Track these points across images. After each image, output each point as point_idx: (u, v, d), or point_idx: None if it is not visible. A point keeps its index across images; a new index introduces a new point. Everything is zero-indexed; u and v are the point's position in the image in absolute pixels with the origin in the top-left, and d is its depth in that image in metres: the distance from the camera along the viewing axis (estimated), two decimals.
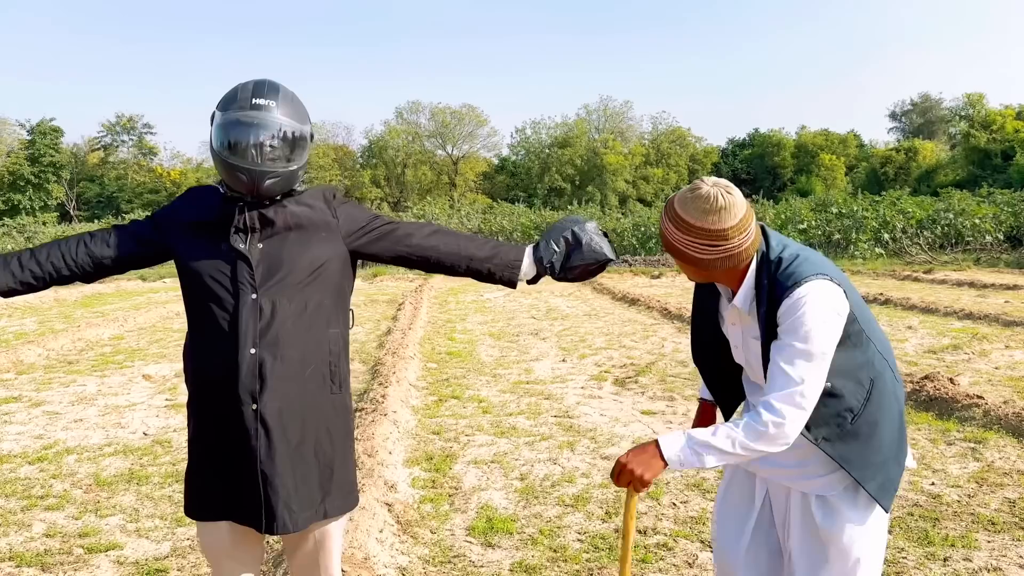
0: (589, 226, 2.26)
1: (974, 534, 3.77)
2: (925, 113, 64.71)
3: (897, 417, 2.07)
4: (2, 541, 3.88)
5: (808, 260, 1.99)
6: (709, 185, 1.95)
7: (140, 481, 4.74)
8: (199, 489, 2.18)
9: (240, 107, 2.06)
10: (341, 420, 2.23)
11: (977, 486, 4.43)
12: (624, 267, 25.16)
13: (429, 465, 4.99)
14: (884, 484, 2.02)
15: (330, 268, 2.18)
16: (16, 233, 30.81)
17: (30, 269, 2.16)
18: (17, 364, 8.85)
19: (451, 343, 10.17)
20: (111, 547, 3.79)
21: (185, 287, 2.17)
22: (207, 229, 2.15)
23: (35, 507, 4.35)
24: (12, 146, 54.51)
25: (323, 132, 62.41)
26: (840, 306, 1.95)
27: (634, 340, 10.15)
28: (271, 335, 2.07)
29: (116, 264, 2.23)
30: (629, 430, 5.75)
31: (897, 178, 50.48)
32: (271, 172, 2.07)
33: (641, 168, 57.54)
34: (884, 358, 2.08)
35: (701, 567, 3.49)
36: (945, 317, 11.55)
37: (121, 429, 6.01)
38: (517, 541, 3.80)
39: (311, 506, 2.14)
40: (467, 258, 2.25)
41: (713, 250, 1.94)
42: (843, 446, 1.99)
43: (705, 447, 1.88)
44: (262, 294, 2.09)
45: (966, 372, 7.56)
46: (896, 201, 30.23)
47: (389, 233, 2.26)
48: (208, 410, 2.14)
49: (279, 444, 2.08)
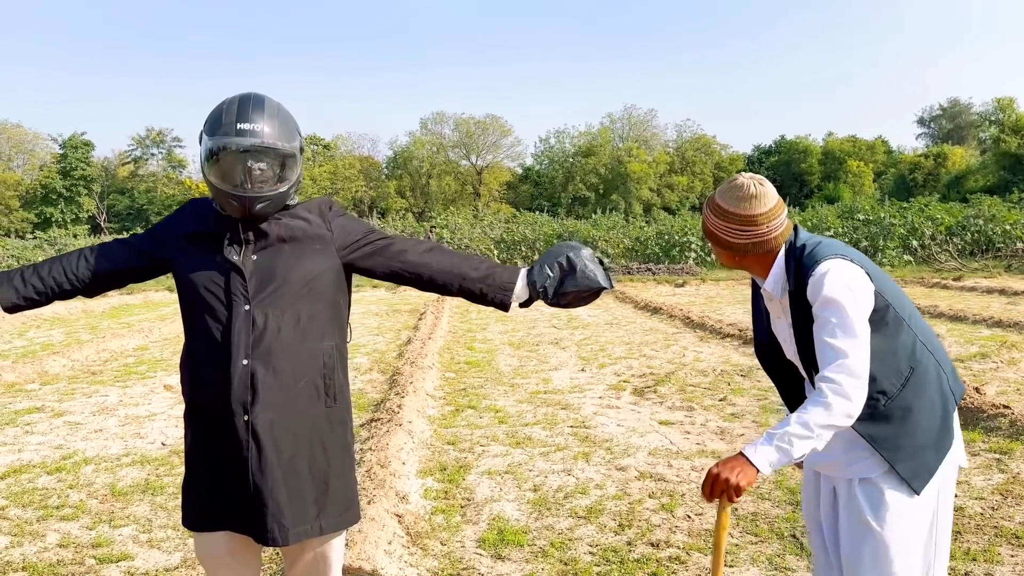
0: (585, 252, 2.24)
1: (997, 548, 3.67)
2: (954, 118, 63.83)
3: (940, 409, 2.13)
4: (17, 551, 3.90)
5: (830, 245, 2.15)
6: (745, 177, 2.17)
7: (155, 491, 4.76)
8: (195, 500, 2.18)
9: (225, 132, 2.05)
10: (337, 434, 2.21)
11: (1002, 498, 4.32)
12: (648, 275, 25.02)
13: (442, 476, 4.96)
14: (916, 468, 2.09)
15: (324, 280, 2.17)
16: (47, 246, 31.28)
17: (32, 284, 2.18)
18: (42, 375, 8.97)
19: (470, 352, 10.15)
20: (123, 558, 3.80)
21: (181, 298, 2.17)
22: (203, 240, 2.15)
23: (51, 517, 4.38)
24: (45, 160, 55.61)
25: (349, 143, 63.04)
26: (859, 284, 2.06)
27: (655, 349, 10.07)
28: (263, 347, 2.06)
29: (116, 277, 2.24)
30: (646, 440, 5.69)
31: (926, 184, 49.83)
32: (261, 196, 2.06)
33: (666, 176, 57.32)
34: (929, 351, 2.16)
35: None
36: (974, 325, 11.35)
37: (140, 439, 6.06)
38: (527, 553, 3.76)
39: (304, 521, 2.12)
40: (460, 277, 2.22)
41: (744, 234, 2.13)
42: (873, 426, 2.09)
43: (786, 439, 1.94)
44: (255, 306, 2.08)
45: (993, 381, 7.40)
46: (924, 207, 29.84)
47: (384, 248, 2.24)
48: (202, 421, 2.14)
49: (270, 456, 2.07)
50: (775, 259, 2.19)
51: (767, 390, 7.19)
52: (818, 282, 2.05)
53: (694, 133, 61.35)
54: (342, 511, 2.22)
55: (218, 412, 2.08)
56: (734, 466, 1.94)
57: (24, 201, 52.94)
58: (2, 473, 5.19)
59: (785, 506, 4.28)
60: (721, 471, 1.95)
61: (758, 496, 4.44)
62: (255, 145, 2.05)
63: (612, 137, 59.84)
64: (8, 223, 49.48)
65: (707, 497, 1.98)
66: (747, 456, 1.95)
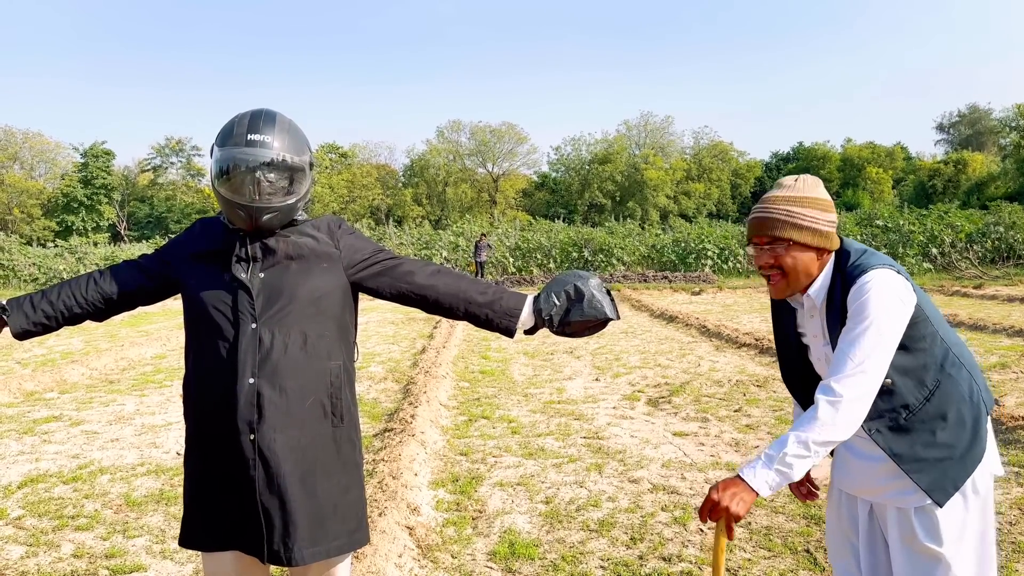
0: (592, 282, 2.22)
1: (1014, 564, 3.62)
2: (974, 124, 63.29)
3: (970, 421, 2.07)
4: (32, 561, 3.94)
5: (876, 255, 2.11)
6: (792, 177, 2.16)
7: (169, 502, 4.79)
8: (202, 520, 2.17)
9: (235, 143, 2.06)
10: (344, 453, 2.20)
11: (1020, 513, 4.26)
12: (664, 283, 24.94)
13: (454, 487, 4.96)
14: (938, 480, 2.03)
15: (331, 299, 2.16)
16: (68, 254, 31.61)
17: (42, 310, 2.19)
18: (60, 383, 9.05)
19: (485, 361, 10.15)
20: (136, 568, 3.82)
21: (188, 316, 2.18)
22: (211, 259, 2.16)
23: (66, 527, 4.41)
24: (66, 169, 56.28)
25: (366, 152, 63.38)
26: (905, 295, 2.02)
27: (670, 359, 10.02)
28: (270, 365, 2.06)
29: (126, 299, 2.25)
30: (659, 452, 5.66)
31: (946, 191, 49.42)
32: (269, 208, 2.07)
33: (683, 183, 57.18)
34: (961, 362, 2.11)
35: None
36: (994, 335, 11.22)
37: (155, 448, 6.10)
38: (539, 567, 3.74)
39: (311, 543, 2.10)
40: (466, 301, 2.21)
41: (828, 221, 2.09)
42: (894, 438, 2.05)
43: (784, 462, 1.89)
44: (262, 324, 2.08)
45: (1014, 391, 7.31)
46: (944, 215, 29.58)
47: (391, 268, 2.23)
48: (207, 440, 2.14)
49: (277, 476, 2.06)
50: (823, 268, 2.12)
51: (783, 400, 7.14)
52: (860, 290, 2.00)
53: (711, 140, 61.25)
54: (351, 532, 2.20)
55: (224, 431, 2.07)
56: (734, 492, 1.89)
57: (46, 209, 53.62)
58: (20, 482, 5.24)
59: (799, 520, 4.24)
60: (721, 498, 1.89)
61: (772, 510, 4.41)
62: (264, 157, 2.06)
63: (628, 144, 59.82)
64: (30, 231, 50.12)
65: (703, 519, 1.93)
66: (745, 480, 1.89)
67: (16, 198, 52.32)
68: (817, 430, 1.89)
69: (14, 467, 5.62)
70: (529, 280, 26.57)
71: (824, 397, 1.92)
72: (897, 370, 2.03)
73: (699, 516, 1.97)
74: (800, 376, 2.31)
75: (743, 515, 1.89)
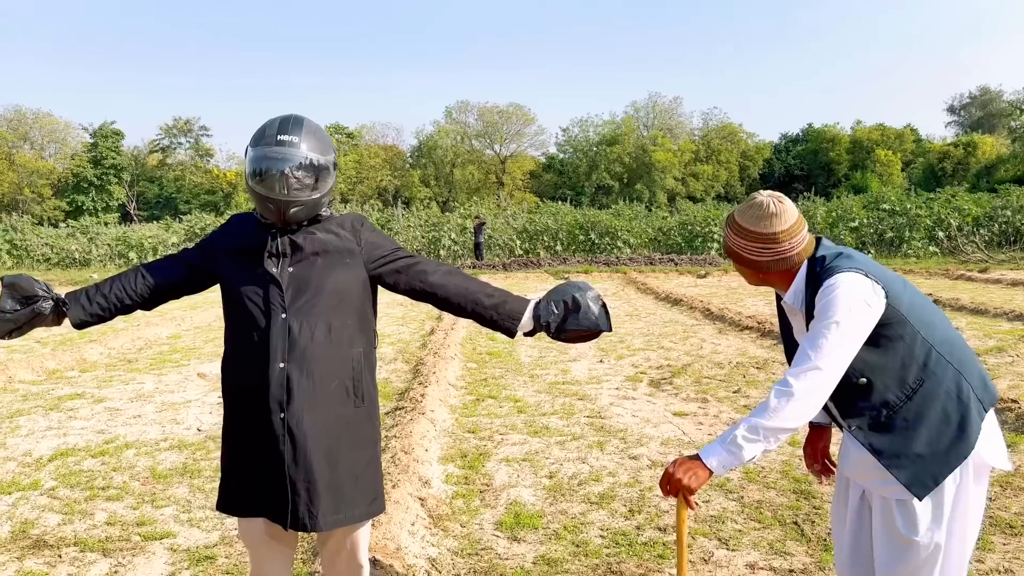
0: (590, 294, 2.42)
1: (990, 537, 3.84)
2: (985, 106, 62.91)
3: (955, 418, 2.15)
4: (68, 528, 4.21)
5: (849, 258, 2.21)
6: (765, 196, 2.24)
7: (193, 475, 5.06)
8: (236, 488, 2.41)
9: (267, 143, 2.29)
10: (364, 431, 2.44)
11: (1000, 490, 4.48)
12: (670, 266, 25.09)
13: (463, 462, 5.21)
14: (918, 475, 2.13)
15: (353, 292, 2.39)
16: (80, 234, 31.88)
17: (97, 302, 2.44)
18: (81, 362, 9.34)
19: (492, 343, 10.39)
20: (165, 535, 4.09)
21: (226, 306, 2.41)
22: (245, 254, 2.39)
23: (97, 497, 4.68)
24: (76, 149, 56.52)
25: (373, 133, 63.39)
26: (871, 298, 2.11)
27: (673, 341, 10.24)
28: (298, 352, 2.30)
29: (170, 290, 2.50)
30: (659, 431, 5.90)
31: (955, 174, 49.24)
32: (296, 201, 2.29)
33: (691, 165, 57.08)
34: (948, 361, 2.19)
35: (716, 563, 3.64)
36: (994, 319, 11.38)
37: (176, 425, 6.37)
38: (542, 536, 3.99)
39: (334, 511, 2.34)
40: (473, 302, 2.43)
41: (767, 252, 2.22)
42: (874, 436, 2.18)
43: (735, 443, 2.06)
44: (291, 315, 2.31)
45: (1007, 375, 7.50)
46: (951, 198, 29.56)
47: (408, 267, 2.46)
48: (242, 418, 2.38)
49: (303, 451, 2.30)
50: (797, 274, 2.26)
51: None
52: (825, 291, 2.12)
53: (720, 121, 61.01)
54: (369, 502, 2.45)
55: (257, 410, 2.32)
56: (688, 468, 2.08)
57: (56, 189, 53.95)
58: (50, 456, 5.52)
59: (789, 495, 4.47)
60: (676, 471, 2.09)
61: (764, 485, 4.64)
62: (292, 156, 2.28)
63: (636, 126, 59.68)
64: (41, 211, 50.47)
65: (664, 493, 2.12)
66: (701, 457, 2.08)
67: (27, 178, 52.65)
68: (767, 418, 2.05)
69: (43, 441, 5.90)
70: (535, 263, 26.73)
71: (779, 388, 2.08)
72: (872, 369, 2.15)
73: (660, 488, 2.16)
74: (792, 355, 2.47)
75: (696, 489, 2.08)
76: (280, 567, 2.52)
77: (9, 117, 55.18)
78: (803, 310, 2.25)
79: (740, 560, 3.68)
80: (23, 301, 2.39)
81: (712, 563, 3.65)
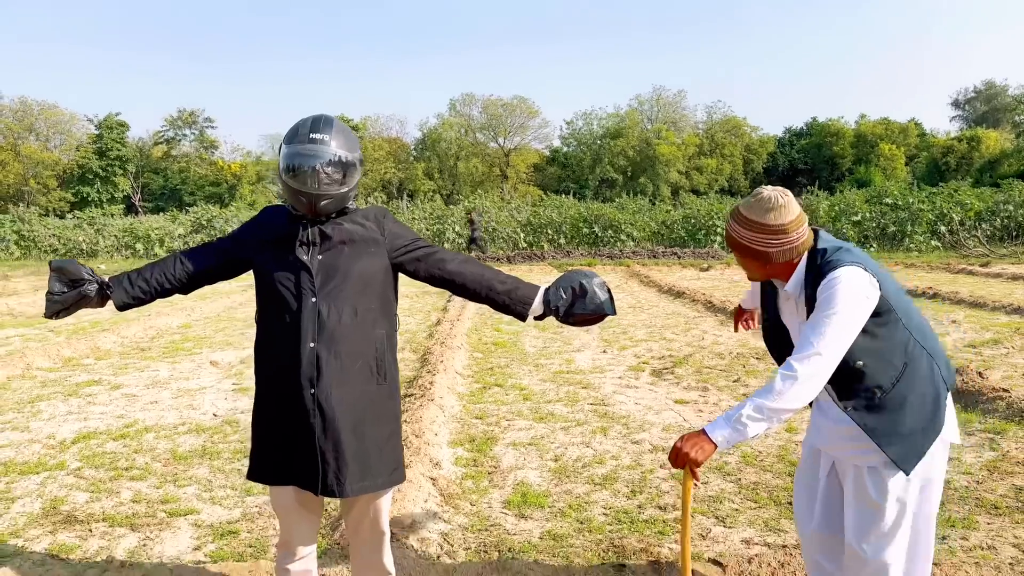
0: (596, 281, 2.62)
1: (976, 517, 4.03)
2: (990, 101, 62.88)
3: (931, 398, 2.41)
4: (96, 505, 4.42)
5: (849, 252, 2.39)
6: (769, 190, 2.41)
7: (212, 456, 5.26)
8: (268, 458, 2.61)
9: (300, 141, 2.48)
10: (387, 407, 2.64)
11: (988, 474, 4.67)
12: (673, 259, 25.26)
13: (471, 446, 5.41)
14: (906, 452, 2.36)
15: (377, 278, 2.59)
16: (87, 226, 32.08)
17: (139, 286, 2.64)
18: (95, 350, 9.55)
19: (497, 334, 10.59)
20: (190, 512, 4.30)
21: (259, 291, 2.61)
22: (278, 243, 2.58)
23: (121, 477, 4.89)
24: (81, 140, 56.70)
25: (377, 125, 63.47)
26: (869, 291, 2.32)
27: (675, 333, 10.43)
28: (327, 333, 2.50)
29: (206, 276, 2.70)
30: (661, 418, 6.09)
31: (959, 168, 49.25)
32: (326, 195, 2.48)
33: (694, 158, 57.16)
34: (923, 347, 2.43)
35: (713, 539, 3.83)
36: (992, 312, 11.53)
37: (193, 410, 6.57)
38: (548, 514, 4.19)
39: (360, 479, 2.54)
40: (487, 288, 2.63)
41: (776, 243, 2.38)
42: (869, 416, 2.38)
43: (740, 421, 2.23)
44: (320, 299, 2.51)
45: (1001, 366, 7.67)
46: (954, 193, 29.66)
47: (428, 256, 2.66)
48: (275, 394, 2.57)
49: (332, 423, 2.50)
50: (798, 264, 2.43)
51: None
52: (829, 284, 2.30)
53: (724, 115, 61.07)
54: (391, 471, 2.65)
55: (289, 387, 2.51)
56: (695, 442, 2.26)
57: (61, 181, 54.16)
58: (73, 438, 5.72)
59: (785, 477, 4.67)
60: (684, 445, 2.27)
61: (761, 468, 4.84)
62: (323, 153, 2.47)
63: (640, 119, 59.74)
64: (46, 202, 50.70)
65: (672, 465, 2.32)
66: (707, 433, 2.25)
67: (32, 169, 52.88)
68: (772, 399, 2.23)
69: (65, 425, 6.11)
70: (539, 256, 26.91)
71: (783, 372, 2.26)
72: (867, 354, 2.36)
73: (669, 463, 2.37)
74: (775, 344, 2.70)
75: (702, 462, 2.27)
76: (307, 532, 2.73)
77: (15, 108, 55.36)
78: (802, 298, 2.44)
79: (736, 536, 3.87)
80: (70, 284, 2.59)
81: (709, 539, 3.85)
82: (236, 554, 3.75)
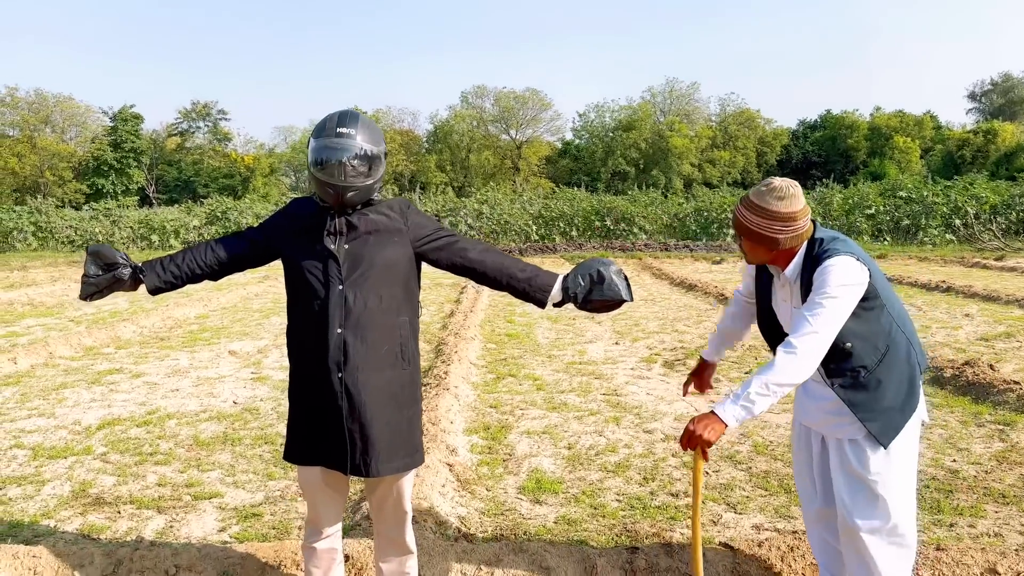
0: (613, 268, 2.71)
1: (984, 505, 4.11)
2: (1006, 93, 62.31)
3: (907, 378, 2.63)
4: (124, 488, 4.55)
5: (844, 242, 2.59)
6: (779, 181, 2.57)
7: (234, 442, 5.39)
8: (301, 439, 2.72)
9: (327, 135, 2.58)
10: (409, 391, 2.74)
11: (997, 463, 4.73)
12: (685, 252, 25.26)
13: (486, 434, 5.51)
14: (884, 427, 2.59)
15: (400, 266, 2.69)
16: (103, 217, 32.35)
17: (171, 271, 2.75)
18: (116, 340, 9.72)
19: (510, 325, 10.69)
20: (214, 495, 4.42)
21: (288, 280, 2.71)
22: (306, 233, 2.68)
23: (146, 462, 5.02)
24: (96, 132, 57.07)
25: (389, 117, 63.55)
26: (861, 278, 2.51)
27: (687, 325, 10.50)
28: (353, 319, 2.60)
29: (235, 263, 2.80)
30: (672, 408, 6.18)
31: (975, 161, 48.87)
32: (352, 186, 2.58)
33: (707, 151, 56.98)
34: (903, 332, 2.65)
35: (724, 525, 3.92)
36: (1006, 305, 11.54)
37: (213, 398, 6.71)
38: (562, 499, 4.29)
39: (386, 460, 2.65)
40: (508, 276, 2.72)
41: (787, 229, 2.54)
42: (853, 393, 2.60)
43: (748, 399, 2.39)
44: (347, 286, 2.61)
45: (1013, 359, 7.71)
46: (969, 186, 29.46)
47: (449, 245, 2.75)
48: (305, 378, 2.68)
49: (359, 406, 2.60)
50: (798, 251, 2.61)
51: None
52: (822, 271, 2.49)
53: (737, 107, 60.81)
54: (413, 453, 2.76)
55: (318, 371, 2.62)
56: (707, 423, 2.41)
57: (76, 172, 54.56)
58: (98, 425, 5.87)
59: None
60: (695, 427, 2.42)
61: (771, 457, 4.92)
62: (350, 147, 2.56)
63: (653, 111, 59.57)
64: (62, 193, 51.09)
65: (683, 447, 2.44)
66: (717, 413, 2.40)
67: (48, 161, 53.28)
68: (776, 374, 2.40)
69: (90, 412, 6.26)
70: (551, 248, 26.97)
71: (784, 349, 2.44)
72: (855, 335, 2.57)
73: (680, 444, 2.49)
74: (767, 327, 2.88)
75: (714, 441, 2.42)
76: (333, 511, 2.84)
77: (31, 100, 55.74)
78: (799, 283, 2.63)
79: (747, 522, 3.96)
80: (105, 268, 2.70)
81: (720, 524, 3.94)
82: (260, 535, 3.87)
